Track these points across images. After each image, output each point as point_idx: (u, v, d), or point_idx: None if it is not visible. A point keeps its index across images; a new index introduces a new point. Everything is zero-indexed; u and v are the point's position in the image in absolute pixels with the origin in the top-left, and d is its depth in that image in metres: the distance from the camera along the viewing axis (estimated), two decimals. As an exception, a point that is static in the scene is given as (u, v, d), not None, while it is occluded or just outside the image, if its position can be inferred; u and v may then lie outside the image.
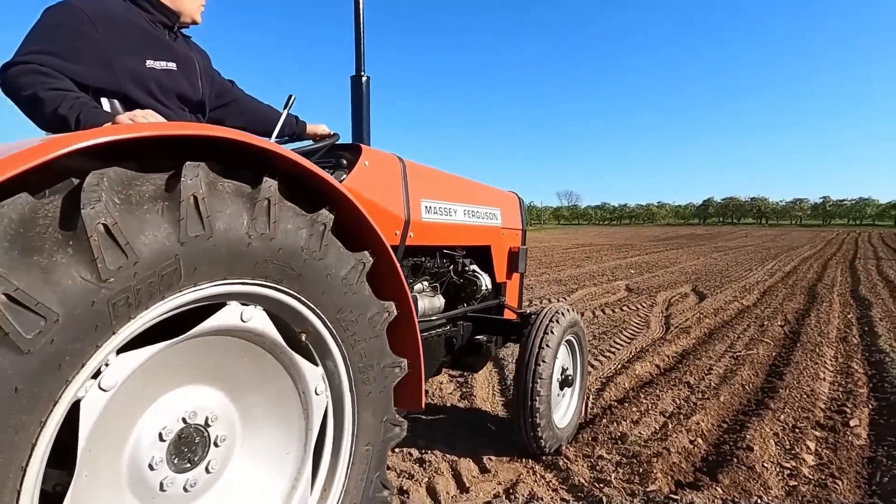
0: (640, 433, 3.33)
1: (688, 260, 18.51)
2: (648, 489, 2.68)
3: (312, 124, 2.68)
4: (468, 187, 3.28)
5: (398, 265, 1.89)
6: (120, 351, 1.22)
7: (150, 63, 1.83)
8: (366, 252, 1.75)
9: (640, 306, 8.50)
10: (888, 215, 61.78)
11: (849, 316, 7.72)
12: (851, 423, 3.54)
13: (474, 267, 3.27)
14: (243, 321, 1.47)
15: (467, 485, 2.74)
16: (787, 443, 3.23)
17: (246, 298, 1.47)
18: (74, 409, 1.15)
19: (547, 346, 2.95)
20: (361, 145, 2.54)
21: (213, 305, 1.41)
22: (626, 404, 3.85)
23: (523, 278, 3.90)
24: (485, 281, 3.22)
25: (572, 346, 3.36)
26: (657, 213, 67.76)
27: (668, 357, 5.28)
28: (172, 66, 1.90)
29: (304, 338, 1.65)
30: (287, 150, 1.52)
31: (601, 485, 2.73)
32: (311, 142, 2.75)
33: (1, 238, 1.03)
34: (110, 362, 1.20)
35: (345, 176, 2.36)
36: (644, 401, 3.91)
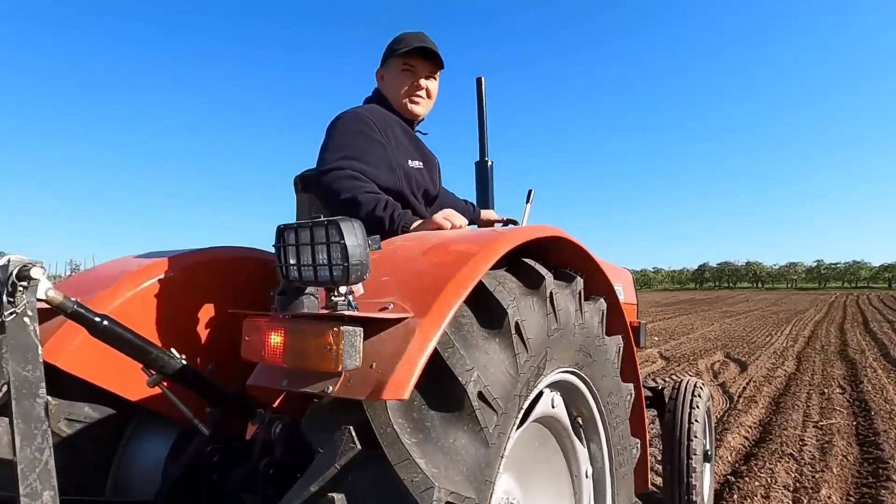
0: (776, 508, 3.32)
1: (703, 326, 18.56)
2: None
3: (485, 210, 2.82)
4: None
5: (635, 349, 1.98)
6: None
7: (410, 163, 1.99)
8: (619, 336, 1.85)
9: (688, 375, 8.50)
10: (882, 277, 62.83)
11: (900, 381, 7.76)
12: (978, 493, 3.55)
13: None
14: (553, 407, 1.55)
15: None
16: (929, 515, 3.23)
17: (555, 386, 1.56)
18: None
19: (696, 420, 2.99)
20: (527, 226, 2.68)
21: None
22: (745, 478, 3.84)
23: None
24: None
25: (709, 420, 3.40)
26: (653, 279, 68.36)
27: (751, 428, 5.27)
28: (421, 164, 2.05)
29: (580, 421, 1.72)
30: (586, 247, 1.66)
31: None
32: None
33: (458, 337, 1.12)
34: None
35: None
36: (760, 474, 3.90)
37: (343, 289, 1.04)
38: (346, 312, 1.01)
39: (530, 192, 2.62)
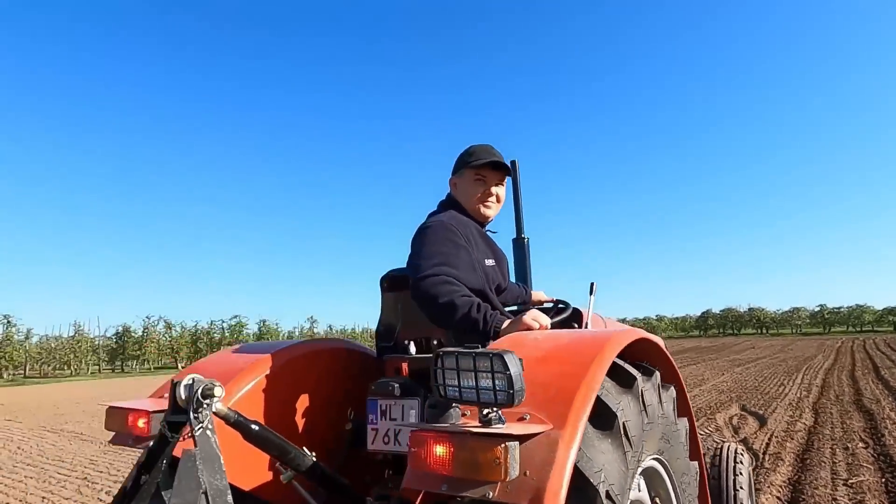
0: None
1: (714, 377, 18.49)
2: None
3: (534, 291, 3.02)
4: None
5: (697, 431, 2.15)
6: None
7: (486, 262, 2.20)
8: (685, 418, 2.02)
9: (709, 431, 8.51)
10: (886, 321, 62.65)
11: (922, 433, 7.79)
12: None
13: None
14: (639, 491, 1.71)
15: None
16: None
17: (642, 472, 1.72)
18: None
19: (741, 487, 3.10)
20: (574, 307, 2.88)
21: None
22: (785, 542, 3.90)
23: None
24: None
25: (752, 486, 3.50)
26: (658, 326, 68.00)
27: (781, 487, 5.32)
28: (493, 262, 2.27)
29: (658, 501, 1.87)
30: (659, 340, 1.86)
31: None
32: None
33: (585, 442, 1.30)
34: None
35: None
36: (799, 537, 3.96)
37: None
38: (505, 430, 1.19)
39: (592, 284, 2.82)
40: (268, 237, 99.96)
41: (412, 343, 2.24)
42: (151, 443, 1.70)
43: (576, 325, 2.76)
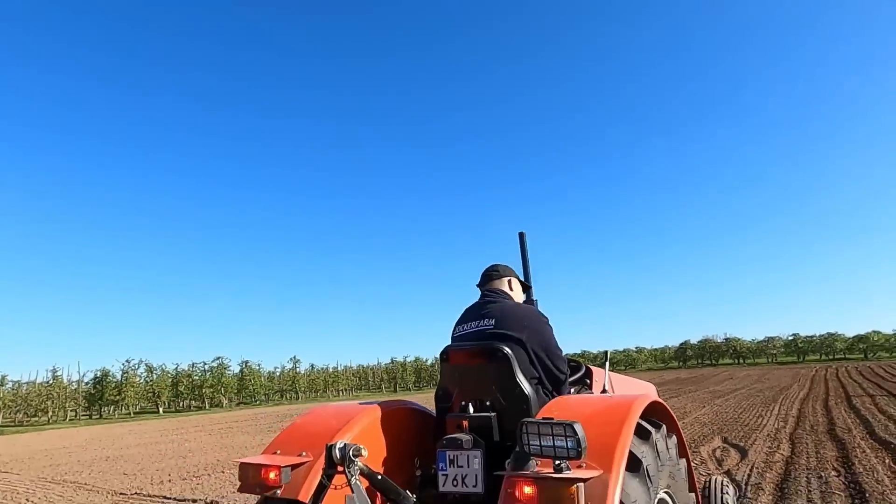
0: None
1: (695, 410, 19.10)
2: None
3: None
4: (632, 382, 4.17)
5: (693, 469, 2.72)
6: None
7: None
8: (684, 459, 2.59)
9: (695, 463, 9.06)
10: (857, 348, 64.77)
11: (888, 461, 8.45)
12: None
13: None
14: (656, 518, 2.26)
15: None
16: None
17: None
18: None
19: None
20: (587, 366, 3.46)
21: None
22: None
23: None
24: None
25: None
26: (637, 358, 68.96)
27: (763, 515, 5.87)
28: None
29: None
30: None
31: None
32: None
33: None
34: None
35: (590, 391, 3.26)
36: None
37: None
38: (575, 475, 1.75)
39: (606, 352, 3.42)
40: (246, 278, 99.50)
41: (470, 404, 2.68)
42: (278, 492, 2.22)
43: (587, 381, 3.34)
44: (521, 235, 4.05)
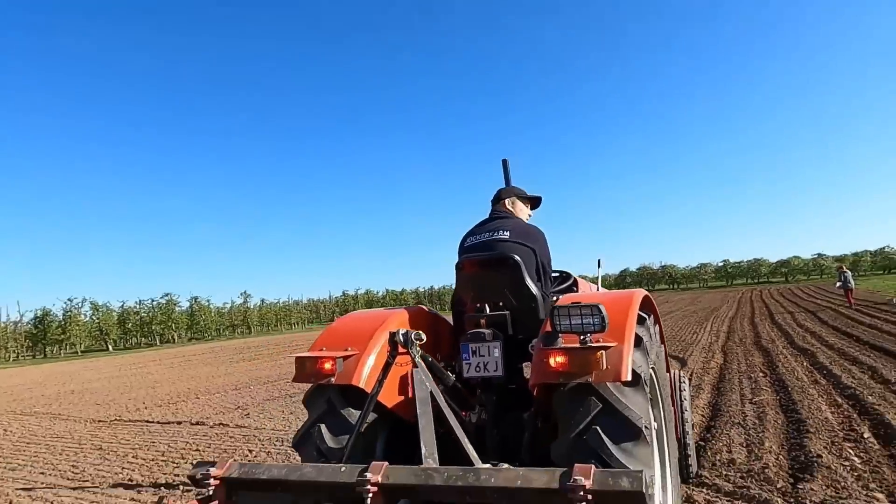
0: (737, 456, 4.74)
1: (637, 328, 20.61)
2: (768, 480, 4.06)
3: None
4: None
5: (668, 356, 3.31)
6: None
7: None
8: (662, 346, 3.15)
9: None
10: (779, 272, 70.23)
11: (805, 363, 9.69)
12: (864, 433, 5.15)
13: None
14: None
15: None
16: (835, 450, 4.75)
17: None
18: None
19: (685, 399, 4.35)
20: (571, 274, 3.97)
21: None
22: (711, 442, 5.26)
23: None
24: None
25: (690, 401, 4.79)
26: (580, 285, 72.04)
27: (704, 407, 6.79)
28: None
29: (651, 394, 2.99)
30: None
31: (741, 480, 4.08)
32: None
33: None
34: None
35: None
36: (721, 438, 5.34)
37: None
38: (600, 345, 2.23)
39: (599, 260, 3.96)
40: (194, 211, 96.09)
41: (487, 305, 3.09)
42: (333, 380, 2.62)
43: (574, 289, 3.85)
44: (504, 162, 4.39)
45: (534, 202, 3.68)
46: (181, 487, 5.22)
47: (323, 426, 2.70)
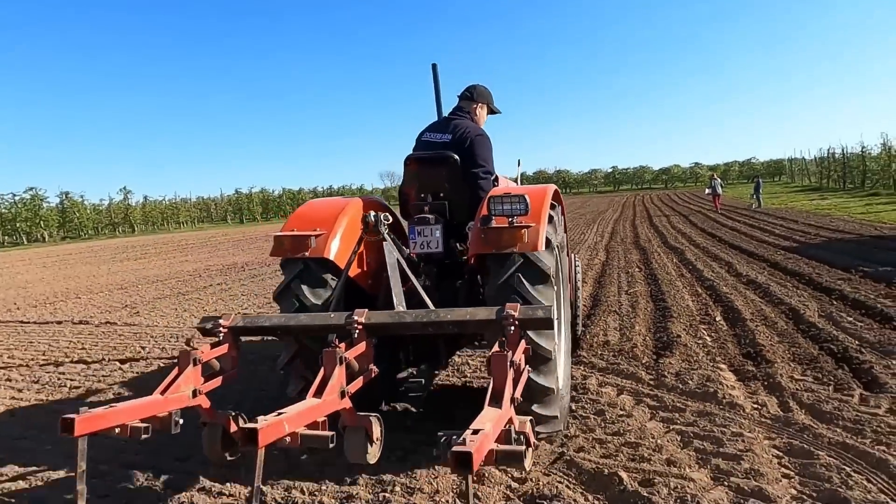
0: (612, 338, 5.32)
1: (531, 229, 21.68)
2: (636, 357, 4.64)
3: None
4: None
5: (569, 242, 3.65)
6: None
7: None
8: (566, 234, 3.41)
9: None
10: (661, 179, 75.65)
11: (675, 260, 10.77)
12: (716, 317, 5.94)
13: None
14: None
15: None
16: (691, 331, 5.46)
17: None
18: None
19: (579, 276, 4.83)
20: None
21: None
22: (592, 327, 5.83)
23: None
24: None
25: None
26: (479, 189, 73.59)
27: (587, 298, 7.44)
28: None
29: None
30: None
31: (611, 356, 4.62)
32: None
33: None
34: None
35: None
36: (600, 324, 5.93)
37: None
38: (524, 224, 2.70)
39: (519, 160, 4.30)
40: (60, 95, 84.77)
41: (429, 195, 3.63)
42: (307, 253, 3.05)
43: (495, 184, 4.07)
44: (434, 67, 4.43)
45: (493, 112, 4.14)
46: (68, 385, 5.03)
47: (300, 282, 3.18)
